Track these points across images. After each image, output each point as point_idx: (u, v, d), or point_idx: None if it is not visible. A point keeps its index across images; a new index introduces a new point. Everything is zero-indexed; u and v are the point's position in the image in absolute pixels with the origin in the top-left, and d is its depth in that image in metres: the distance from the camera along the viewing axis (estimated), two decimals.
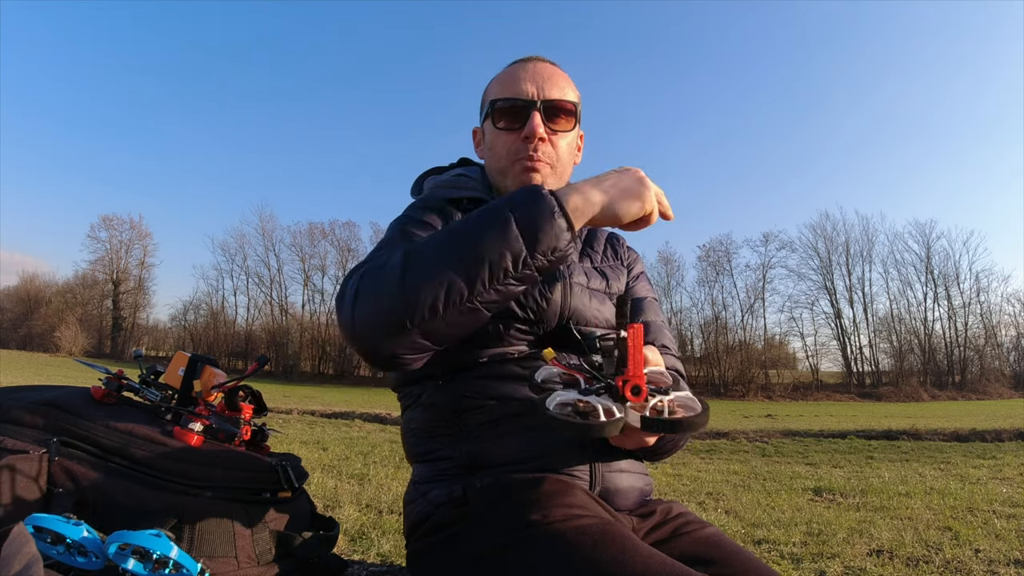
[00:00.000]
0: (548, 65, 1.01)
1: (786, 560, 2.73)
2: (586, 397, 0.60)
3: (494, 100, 0.99)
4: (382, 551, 2.57)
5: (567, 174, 1.04)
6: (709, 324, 41.44)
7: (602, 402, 0.59)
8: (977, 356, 38.37)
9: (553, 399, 0.61)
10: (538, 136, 0.95)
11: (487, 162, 1.04)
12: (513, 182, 0.99)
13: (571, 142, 1.02)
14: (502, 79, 1.01)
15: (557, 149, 0.99)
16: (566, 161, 1.02)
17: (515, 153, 0.97)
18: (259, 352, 40.36)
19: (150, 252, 49.38)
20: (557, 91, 0.98)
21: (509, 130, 0.98)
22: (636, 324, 0.59)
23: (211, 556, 0.71)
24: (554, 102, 0.97)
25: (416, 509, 0.90)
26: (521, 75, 0.98)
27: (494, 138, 1.00)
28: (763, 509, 3.90)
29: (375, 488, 3.98)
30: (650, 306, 1.07)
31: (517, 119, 0.97)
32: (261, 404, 0.93)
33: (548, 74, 0.99)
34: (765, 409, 21.18)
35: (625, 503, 0.89)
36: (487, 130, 1.03)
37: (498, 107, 0.98)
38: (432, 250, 0.75)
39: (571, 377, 0.68)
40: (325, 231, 46.29)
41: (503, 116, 0.98)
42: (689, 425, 0.59)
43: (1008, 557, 2.73)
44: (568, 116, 0.99)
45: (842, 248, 41.93)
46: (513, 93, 0.97)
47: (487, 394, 0.88)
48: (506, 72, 1.01)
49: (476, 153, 1.11)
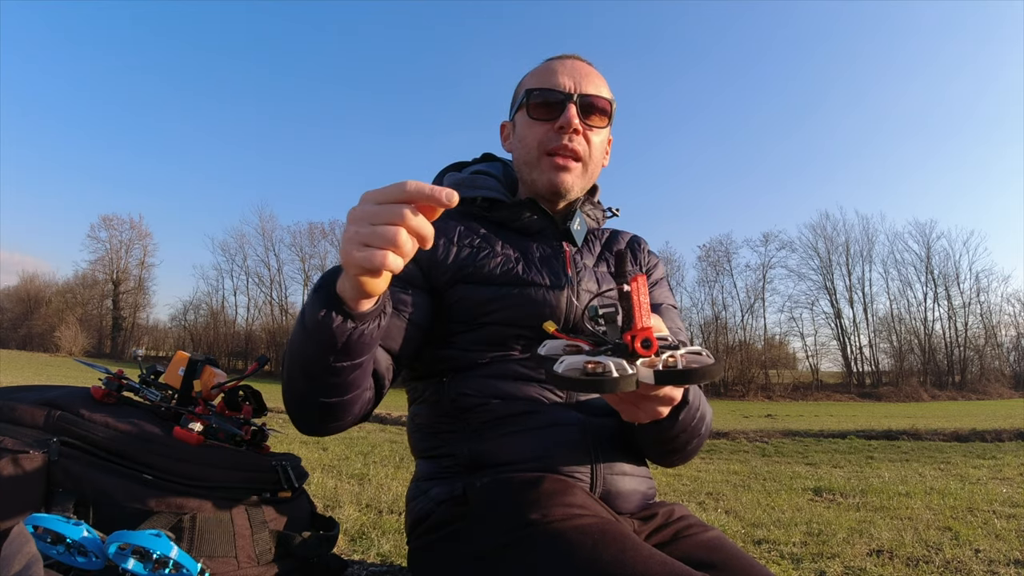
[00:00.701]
0: (585, 64, 1.02)
1: (786, 560, 2.73)
2: (595, 358, 0.57)
3: (530, 90, 0.98)
4: (382, 551, 2.57)
5: (596, 172, 1.04)
6: (709, 324, 41.44)
7: (613, 360, 0.56)
8: (977, 356, 38.34)
9: (561, 363, 0.58)
10: (572, 127, 0.95)
11: (515, 154, 1.04)
12: (540, 176, 0.98)
13: (603, 141, 1.02)
14: (538, 72, 1.01)
15: (590, 144, 0.98)
16: (597, 159, 1.01)
17: (547, 144, 0.97)
18: (259, 352, 40.36)
19: (150, 252, 49.38)
20: (593, 88, 0.98)
21: (543, 120, 0.97)
22: (638, 275, 0.56)
23: (211, 556, 0.71)
24: (590, 97, 0.97)
25: (417, 506, 0.90)
26: (559, 69, 0.99)
27: (526, 128, 0.99)
28: (763, 509, 3.90)
29: (375, 488, 3.98)
30: (667, 313, 1.05)
31: (552, 111, 0.97)
32: (261, 404, 0.93)
33: (585, 71, 0.99)
34: (765, 409, 21.18)
35: (627, 506, 0.88)
36: (519, 121, 1.02)
37: (534, 97, 0.98)
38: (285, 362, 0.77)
39: (576, 347, 0.65)
40: (325, 231, 46.23)
41: (538, 107, 0.98)
42: (703, 374, 0.56)
43: (1008, 557, 2.73)
44: (603, 114, 0.99)
45: (842, 248, 41.94)
46: (550, 85, 0.97)
47: (490, 393, 0.88)
48: (543, 66, 1.02)
49: (503, 147, 1.10)
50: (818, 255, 42.05)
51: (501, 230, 1.00)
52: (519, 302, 0.91)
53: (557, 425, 0.87)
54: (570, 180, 0.98)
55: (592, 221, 1.07)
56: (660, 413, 0.72)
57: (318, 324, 0.66)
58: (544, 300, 0.91)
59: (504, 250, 0.96)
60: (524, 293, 0.92)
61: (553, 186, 0.98)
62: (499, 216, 1.00)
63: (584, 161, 0.98)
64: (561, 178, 0.97)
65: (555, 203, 1.02)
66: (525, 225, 1.00)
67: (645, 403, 0.69)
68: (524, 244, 0.98)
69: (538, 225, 1.00)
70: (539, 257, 0.97)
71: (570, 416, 0.88)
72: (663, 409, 0.71)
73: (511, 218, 1.00)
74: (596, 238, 1.08)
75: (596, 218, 1.08)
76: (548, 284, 0.94)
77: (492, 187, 1.02)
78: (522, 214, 0.99)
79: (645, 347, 0.56)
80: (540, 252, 0.98)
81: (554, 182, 0.97)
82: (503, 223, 1.01)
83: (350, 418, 0.82)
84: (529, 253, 0.97)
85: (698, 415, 0.83)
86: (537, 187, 0.99)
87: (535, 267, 0.95)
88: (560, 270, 0.96)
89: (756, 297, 41.83)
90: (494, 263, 0.94)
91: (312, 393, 0.76)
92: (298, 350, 0.72)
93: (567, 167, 0.97)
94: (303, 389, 0.76)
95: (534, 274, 0.94)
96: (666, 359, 0.57)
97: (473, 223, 1.00)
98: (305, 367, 0.73)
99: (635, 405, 0.69)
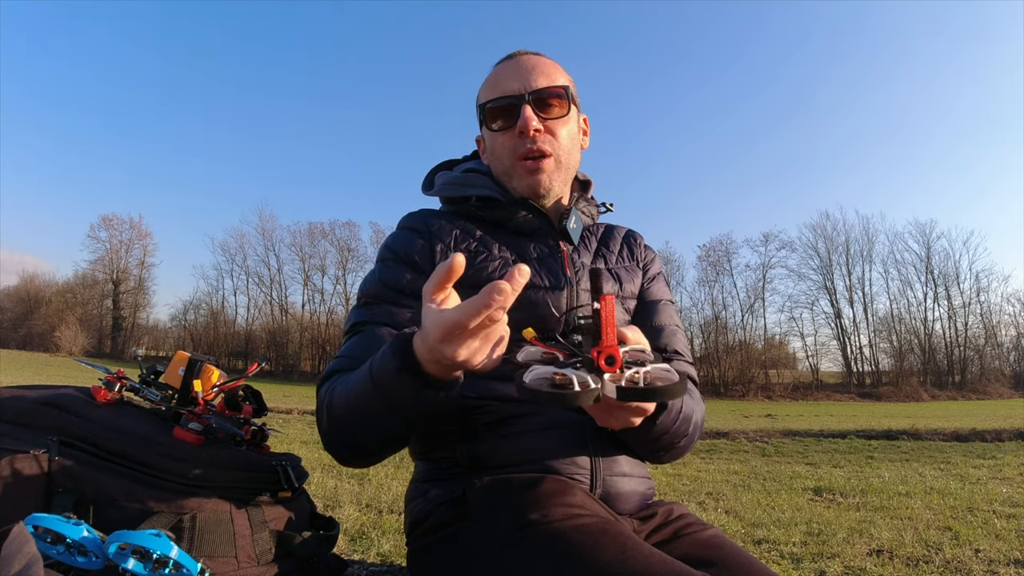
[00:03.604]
0: (531, 56, 1.00)
1: (786, 560, 2.73)
2: (562, 370, 0.60)
3: (483, 103, 0.99)
4: (382, 551, 2.57)
5: (574, 162, 1.03)
6: (709, 324, 41.45)
7: (578, 374, 0.59)
8: (977, 356, 38.36)
9: (530, 373, 0.62)
10: (533, 128, 0.94)
11: (493, 167, 1.03)
12: (519, 183, 0.98)
13: (571, 129, 1.00)
14: (488, 82, 1.00)
15: (557, 137, 0.97)
16: (570, 149, 1.00)
17: (515, 151, 0.96)
18: (259, 352, 40.38)
19: (150, 252, 49.38)
20: (544, 79, 0.96)
21: (504, 129, 0.97)
22: (608, 295, 0.59)
23: (211, 556, 0.71)
24: (542, 91, 0.96)
25: (416, 508, 0.90)
26: (505, 73, 0.98)
27: (492, 141, 0.99)
28: (763, 509, 3.90)
29: (375, 488, 3.98)
30: (664, 309, 1.04)
31: (509, 117, 0.96)
32: (261, 404, 0.93)
33: (531, 65, 0.98)
34: (765, 409, 21.18)
35: (626, 507, 0.88)
36: (485, 135, 1.02)
37: (488, 109, 0.98)
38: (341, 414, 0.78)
39: (552, 355, 0.68)
40: (325, 231, 46.30)
41: (495, 117, 0.97)
42: (664, 392, 0.58)
43: (1008, 557, 2.73)
44: (560, 101, 0.97)
45: (842, 248, 42.00)
46: (500, 92, 0.96)
47: (490, 394, 0.88)
48: (491, 74, 1.01)
49: (483, 160, 1.09)
50: (818, 255, 42.18)
51: (497, 231, 1.00)
52: (518, 305, 0.91)
53: (556, 426, 0.87)
54: (546, 179, 0.97)
55: (587, 218, 1.07)
56: (632, 422, 0.73)
57: (416, 401, 0.68)
58: (544, 302, 0.91)
59: (502, 253, 0.96)
60: (524, 295, 0.91)
61: (532, 190, 0.97)
62: (494, 215, 1.00)
63: (556, 156, 0.97)
64: (537, 179, 0.96)
65: (544, 202, 1.01)
66: (521, 224, 0.99)
67: (617, 412, 0.71)
68: (521, 245, 0.98)
69: (534, 225, 1.00)
70: (537, 258, 0.97)
71: (569, 417, 0.88)
72: (635, 419, 0.73)
73: (507, 217, 0.99)
74: (592, 234, 1.08)
75: (591, 214, 1.08)
76: (547, 286, 0.93)
77: (486, 185, 1.01)
78: (517, 213, 0.99)
79: (609, 364, 0.59)
80: (537, 252, 0.97)
81: (531, 185, 0.97)
82: (498, 223, 1.00)
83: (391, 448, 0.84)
84: (526, 254, 0.97)
85: (680, 418, 0.83)
86: (519, 193, 0.99)
87: (534, 268, 0.95)
88: (559, 271, 0.96)
89: (756, 297, 41.91)
90: (492, 266, 0.93)
91: (374, 443, 0.79)
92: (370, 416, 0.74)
93: (539, 168, 0.96)
94: (362, 441, 0.79)
95: (533, 276, 0.94)
96: (630, 376, 0.60)
97: (469, 224, 0.99)
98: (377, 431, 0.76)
99: (608, 413, 0.72)
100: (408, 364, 0.66)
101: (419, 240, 0.96)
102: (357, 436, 0.78)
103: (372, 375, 0.71)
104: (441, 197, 1.06)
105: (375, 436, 0.77)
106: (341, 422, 0.78)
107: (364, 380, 0.72)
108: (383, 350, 0.71)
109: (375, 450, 0.80)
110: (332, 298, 45.12)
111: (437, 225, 0.98)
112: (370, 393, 0.71)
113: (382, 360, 0.70)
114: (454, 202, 1.04)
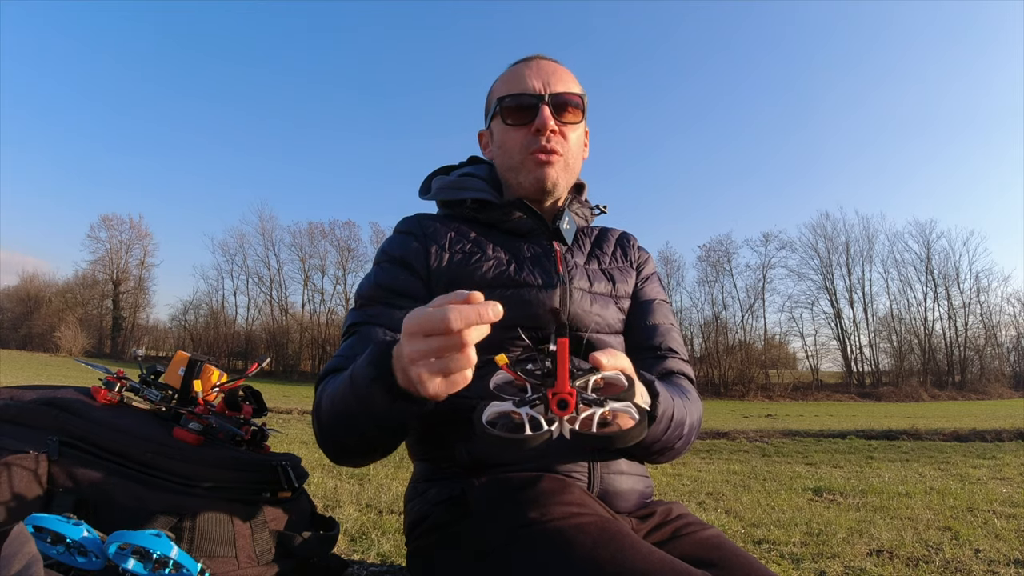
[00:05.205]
0: (551, 62, 1.03)
1: (786, 560, 2.73)
2: (519, 408, 0.60)
3: (502, 97, 1.00)
4: (382, 551, 2.57)
5: (577, 167, 1.06)
6: (709, 324, 41.40)
7: (533, 415, 0.59)
8: (977, 356, 38.35)
9: (489, 409, 0.62)
10: (549, 128, 0.96)
11: (498, 161, 1.05)
12: (526, 177, 1.00)
13: (580, 136, 1.04)
14: (507, 78, 1.02)
15: (568, 141, 1.00)
16: (576, 154, 1.03)
17: (527, 147, 0.98)
18: (259, 352, 40.38)
19: (150, 252, 49.27)
20: (563, 85, 1.00)
21: (519, 125, 0.98)
22: (563, 337, 0.58)
23: (211, 556, 0.72)
24: (562, 95, 0.98)
25: (415, 508, 0.90)
26: (526, 72, 1.00)
27: (504, 135, 1.01)
28: (763, 509, 3.90)
29: (375, 488, 3.98)
30: (659, 308, 1.06)
31: (527, 114, 0.98)
32: (261, 404, 0.93)
33: (552, 70, 1.01)
34: (765, 409, 21.18)
35: (625, 505, 0.89)
36: (496, 129, 1.03)
37: (506, 104, 0.99)
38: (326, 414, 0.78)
39: (523, 383, 0.66)
40: (325, 231, 46.24)
41: (512, 113, 0.99)
42: (617, 439, 0.58)
43: (1008, 557, 2.73)
44: (576, 109, 1.00)
45: (842, 248, 41.95)
46: (520, 89, 0.98)
47: (487, 395, 0.88)
48: (510, 71, 1.03)
49: (484, 155, 1.11)
50: (818, 255, 42.14)
51: (491, 232, 1.01)
52: (513, 303, 0.92)
53: None
54: (554, 174, 0.99)
55: (581, 219, 1.08)
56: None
57: (389, 412, 0.68)
58: (537, 300, 0.92)
59: (496, 253, 0.97)
60: (517, 294, 0.92)
61: (539, 182, 0.99)
62: (489, 217, 1.01)
63: (565, 157, 1.00)
64: (546, 172, 0.98)
65: (543, 202, 1.03)
66: (515, 225, 1.01)
67: None
68: (515, 245, 0.99)
69: (528, 225, 1.01)
70: (530, 257, 0.98)
71: None
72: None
73: (501, 219, 1.01)
74: (586, 236, 1.09)
75: (584, 216, 1.10)
76: (540, 284, 0.94)
77: (480, 188, 1.03)
78: (511, 214, 1.00)
79: (561, 408, 0.58)
80: (531, 252, 0.98)
81: (540, 178, 0.98)
82: (493, 224, 1.01)
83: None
84: (520, 254, 0.98)
85: (672, 425, 0.82)
86: (524, 188, 1.01)
87: (527, 268, 0.96)
88: (552, 269, 0.97)
89: (756, 297, 41.88)
90: (487, 266, 0.95)
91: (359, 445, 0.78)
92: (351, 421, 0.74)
93: (550, 161, 0.98)
94: (347, 443, 0.78)
95: (526, 275, 0.95)
96: (584, 419, 0.59)
97: (463, 226, 1.00)
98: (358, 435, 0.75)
99: None
100: (382, 374, 0.66)
101: (414, 243, 0.97)
102: (342, 437, 0.78)
103: (352, 381, 0.71)
104: (437, 201, 1.08)
105: (357, 439, 0.77)
106: (328, 423, 0.78)
107: (345, 385, 0.73)
108: (362, 357, 0.71)
109: (362, 452, 0.80)
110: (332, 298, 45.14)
111: (432, 228, 0.99)
112: (349, 399, 0.72)
113: (360, 368, 0.70)
114: (450, 205, 1.05)
